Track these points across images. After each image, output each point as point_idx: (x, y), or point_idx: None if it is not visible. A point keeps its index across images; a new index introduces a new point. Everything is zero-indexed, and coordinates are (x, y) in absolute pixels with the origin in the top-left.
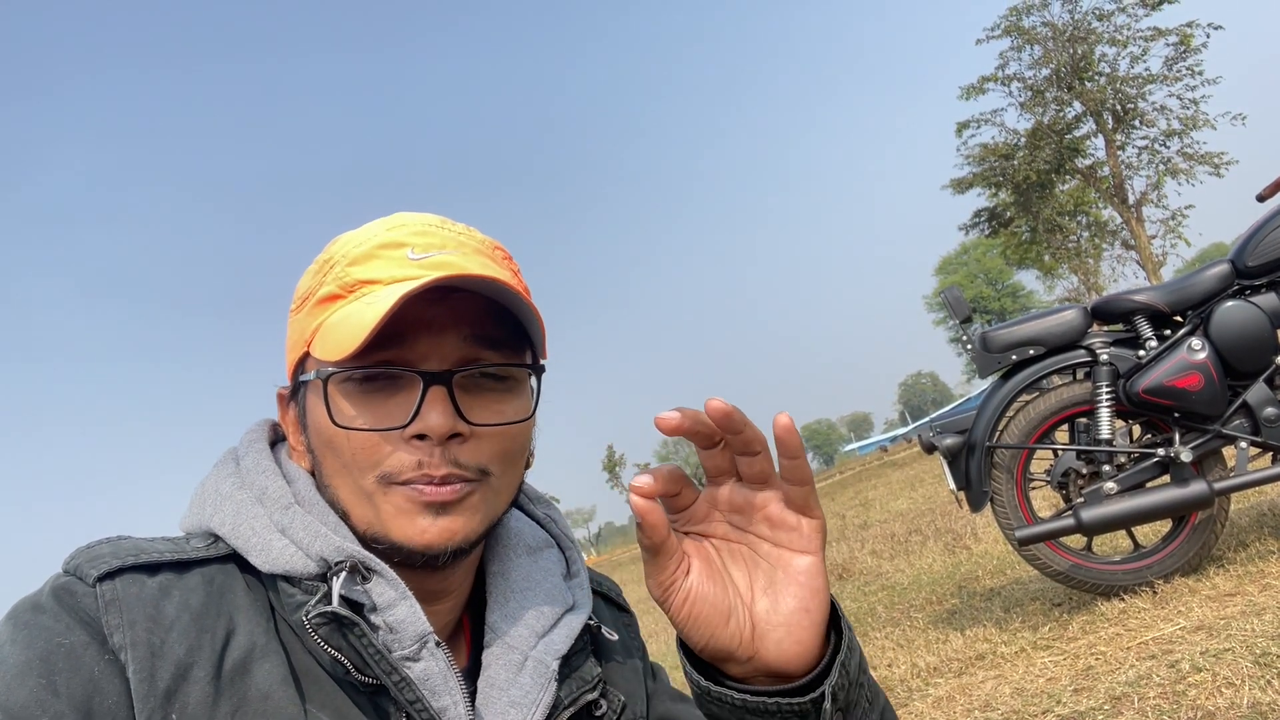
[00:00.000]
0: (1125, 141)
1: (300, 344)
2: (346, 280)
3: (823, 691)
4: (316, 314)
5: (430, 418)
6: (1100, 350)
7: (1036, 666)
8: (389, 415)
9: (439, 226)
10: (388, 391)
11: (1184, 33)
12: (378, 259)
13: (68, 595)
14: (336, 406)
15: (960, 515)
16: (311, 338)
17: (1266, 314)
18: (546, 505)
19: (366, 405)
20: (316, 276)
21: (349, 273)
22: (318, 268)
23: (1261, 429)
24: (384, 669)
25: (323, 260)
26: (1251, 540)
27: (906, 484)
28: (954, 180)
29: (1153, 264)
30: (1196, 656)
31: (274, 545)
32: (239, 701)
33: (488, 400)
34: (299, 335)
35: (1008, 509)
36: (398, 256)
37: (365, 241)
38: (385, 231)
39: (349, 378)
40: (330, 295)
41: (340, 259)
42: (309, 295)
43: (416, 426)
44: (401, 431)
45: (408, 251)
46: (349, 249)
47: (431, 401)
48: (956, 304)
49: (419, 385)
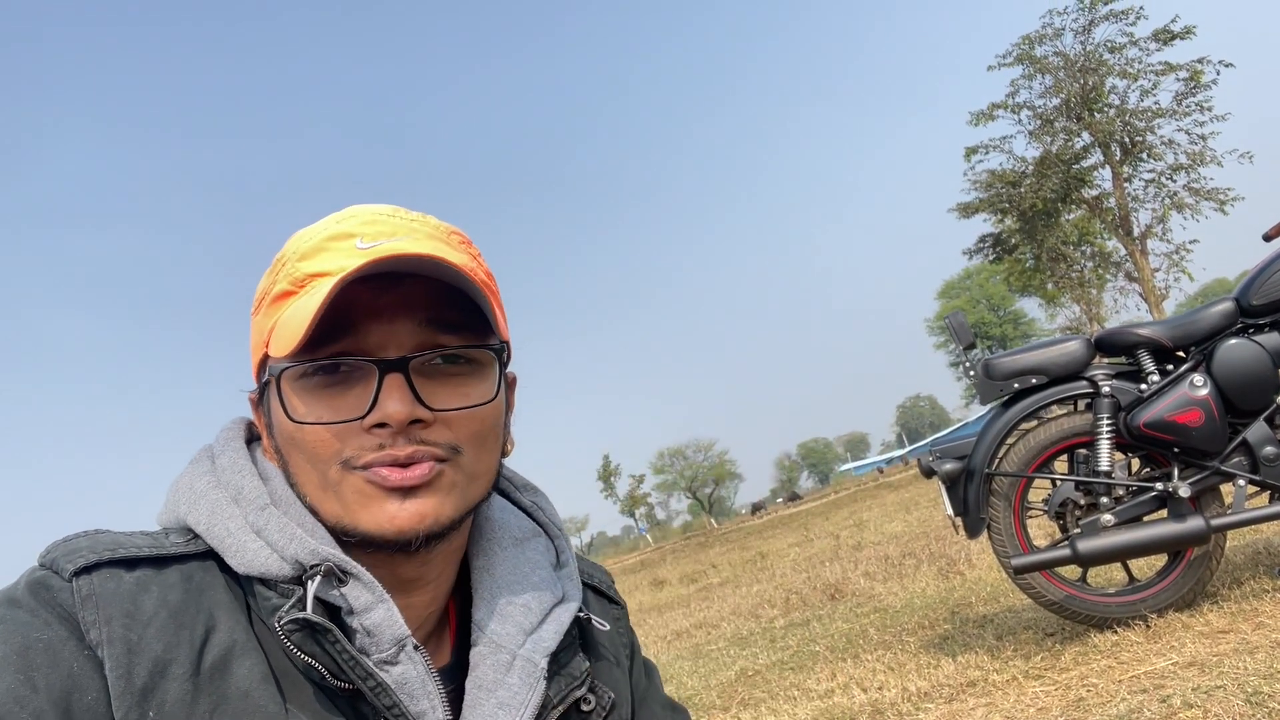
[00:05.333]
0: (1132, 174)
1: (260, 345)
2: (297, 275)
3: None
4: (272, 313)
5: (388, 405)
6: (1102, 382)
7: (1028, 696)
8: (347, 407)
9: (390, 215)
10: (345, 384)
11: (1195, 69)
12: (326, 251)
13: (44, 590)
14: (292, 403)
15: (955, 540)
16: (269, 337)
17: (1269, 353)
18: (534, 493)
19: (323, 399)
20: (271, 275)
21: (299, 268)
22: (272, 267)
23: (1260, 467)
24: (359, 674)
25: (276, 259)
26: (1246, 578)
27: (902, 506)
28: (960, 205)
29: (1155, 297)
30: (1188, 692)
31: (249, 547)
32: (218, 699)
33: (449, 384)
34: (259, 336)
35: (1004, 537)
36: (346, 247)
37: (315, 235)
38: (335, 224)
39: (303, 373)
40: (283, 292)
41: (291, 255)
42: (265, 295)
43: (375, 415)
44: (360, 422)
45: (356, 241)
46: (299, 244)
47: (389, 389)
48: (961, 330)
49: (375, 374)
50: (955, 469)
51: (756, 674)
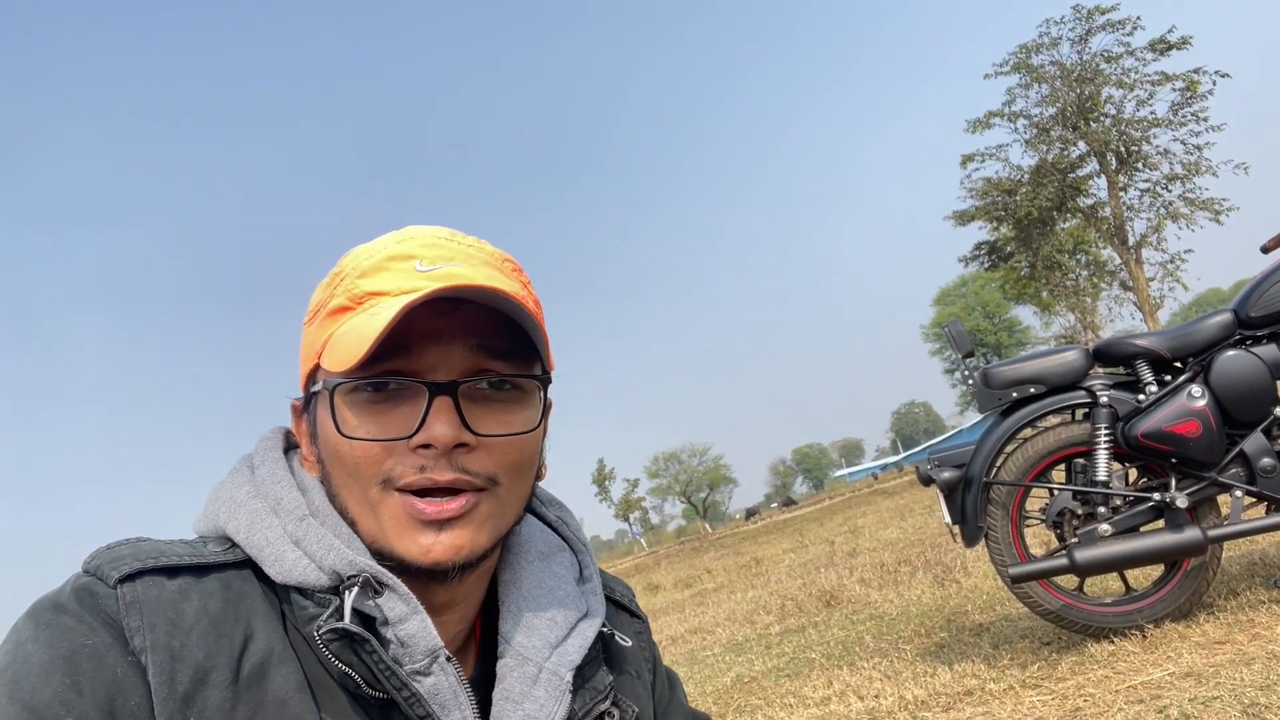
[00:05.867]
0: (1128, 183)
1: (312, 356)
2: (355, 292)
3: None
4: (327, 326)
5: (435, 428)
6: (1100, 392)
7: (1024, 705)
8: (395, 426)
9: (448, 239)
10: (394, 402)
11: (1191, 79)
12: (386, 271)
13: (89, 596)
14: (342, 417)
15: (950, 548)
16: (322, 349)
17: (1267, 365)
18: (559, 508)
19: (372, 416)
20: (328, 289)
21: (358, 285)
22: (329, 280)
23: (1257, 479)
24: (394, 684)
25: (334, 273)
26: (1242, 589)
27: (897, 513)
28: (956, 212)
29: (1150, 306)
30: (1185, 703)
31: (287, 556)
32: (256, 706)
33: (495, 411)
34: (310, 347)
35: (1001, 545)
36: (406, 269)
37: (375, 254)
38: (395, 244)
39: (355, 388)
40: (340, 307)
41: (350, 271)
42: (320, 307)
43: (422, 436)
44: (407, 441)
45: (416, 263)
46: (359, 261)
47: (437, 411)
48: (959, 338)
49: (425, 396)
50: (953, 477)
51: (752, 681)
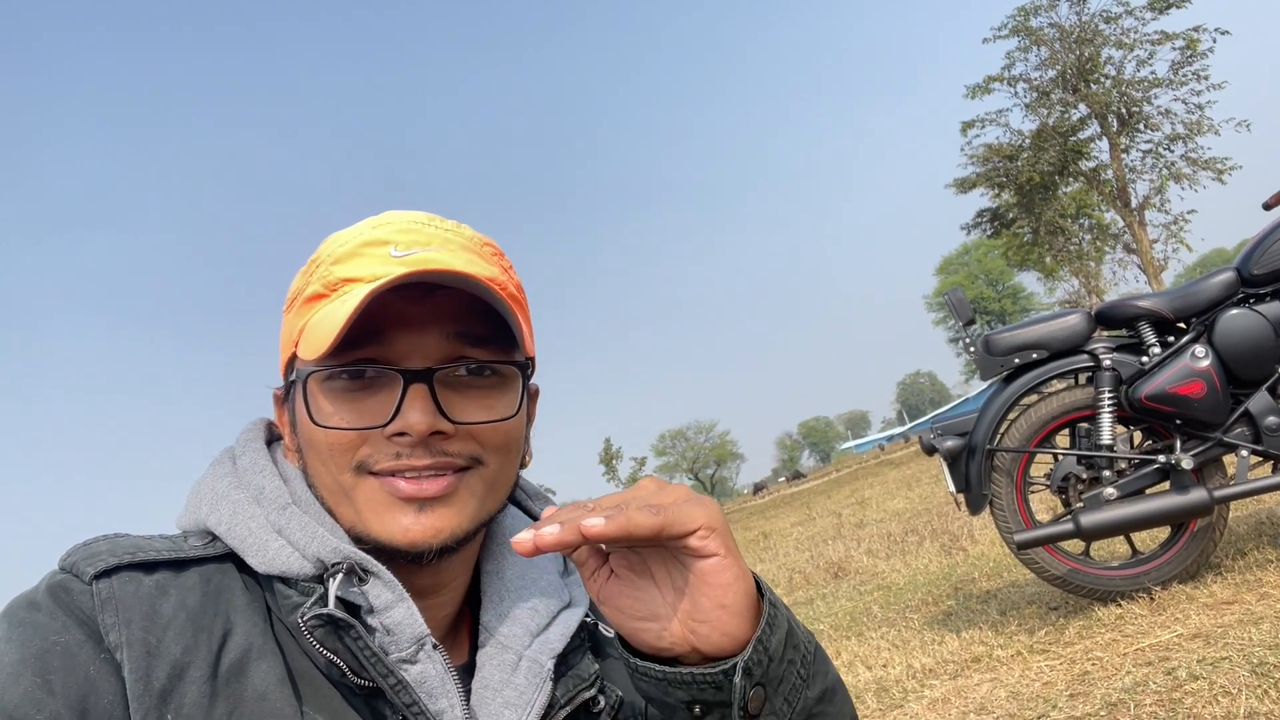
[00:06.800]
0: (1129, 145)
1: (289, 344)
2: (330, 279)
3: (734, 664)
4: (303, 313)
5: (410, 416)
6: (1103, 355)
7: (1033, 670)
8: (370, 414)
9: (425, 224)
10: (369, 390)
11: (1190, 37)
12: (360, 257)
13: (63, 593)
14: (317, 405)
15: (957, 516)
16: (298, 338)
17: (1270, 323)
18: (544, 500)
19: (348, 404)
20: (304, 276)
21: (332, 271)
22: (307, 267)
23: (1263, 437)
24: (380, 671)
25: (312, 260)
26: (1250, 548)
27: (903, 483)
28: (957, 180)
29: (1154, 268)
30: (1193, 664)
31: (270, 546)
32: (235, 702)
33: (473, 397)
34: (288, 335)
35: (1007, 512)
36: (380, 254)
37: (350, 240)
38: (371, 229)
39: (330, 376)
40: (315, 294)
41: (325, 258)
42: (297, 294)
43: (396, 425)
44: (382, 430)
45: (391, 249)
46: (334, 248)
47: (412, 399)
48: (960, 306)
49: (399, 383)
50: (957, 445)
51: None
